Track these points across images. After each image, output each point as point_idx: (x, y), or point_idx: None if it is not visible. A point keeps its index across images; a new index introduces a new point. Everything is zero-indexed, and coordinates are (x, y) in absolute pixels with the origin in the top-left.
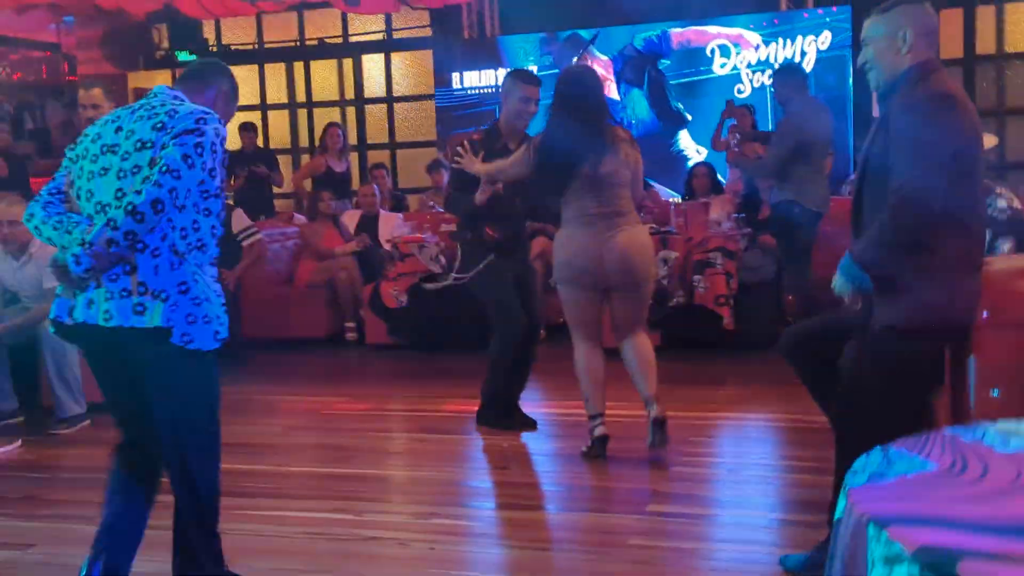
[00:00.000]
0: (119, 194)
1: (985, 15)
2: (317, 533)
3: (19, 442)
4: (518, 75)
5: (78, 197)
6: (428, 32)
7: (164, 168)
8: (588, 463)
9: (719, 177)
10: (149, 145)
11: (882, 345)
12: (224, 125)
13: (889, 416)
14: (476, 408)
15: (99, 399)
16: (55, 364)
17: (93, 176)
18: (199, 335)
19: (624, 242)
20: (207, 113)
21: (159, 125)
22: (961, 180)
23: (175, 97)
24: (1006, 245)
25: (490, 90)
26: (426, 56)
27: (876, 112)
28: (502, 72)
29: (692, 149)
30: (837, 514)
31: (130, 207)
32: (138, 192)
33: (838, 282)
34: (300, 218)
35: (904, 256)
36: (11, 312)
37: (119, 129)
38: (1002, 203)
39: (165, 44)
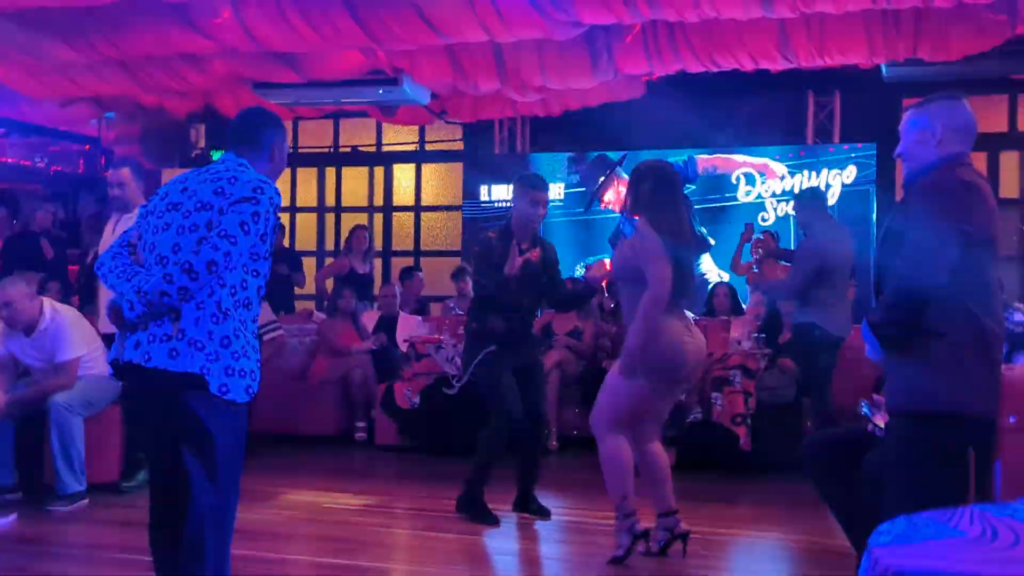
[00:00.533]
0: (176, 248)
1: (1008, 160)
2: None
3: (14, 516)
4: (526, 181)
5: (143, 249)
6: (460, 145)
7: (222, 233)
8: (614, 569)
9: (740, 301)
10: (208, 208)
11: (898, 435)
12: (282, 165)
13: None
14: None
15: (100, 479)
16: (60, 440)
17: (157, 230)
18: (234, 387)
19: (700, 338)
20: (264, 183)
21: (219, 190)
22: (971, 265)
23: (240, 165)
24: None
25: None
26: (456, 168)
27: None
28: None
29: (714, 273)
30: (860, 574)
31: (187, 265)
32: (195, 252)
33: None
34: (320, 315)
35: (912, 339)
36: (21, 385)
37: (184, 189)
38: (1019, 316)
39: (202, 143)
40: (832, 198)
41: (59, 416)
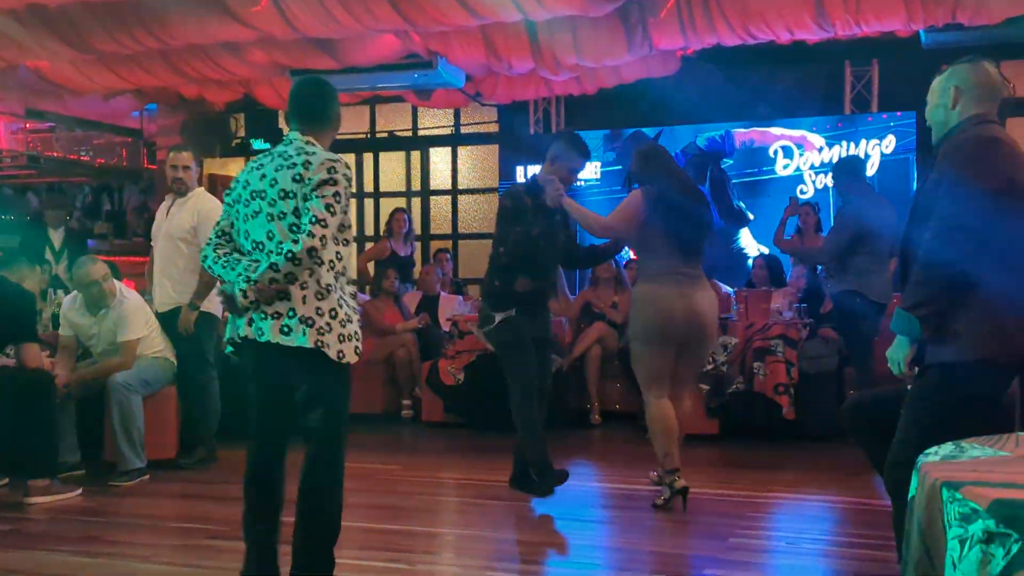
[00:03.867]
0: (269, 234)
1: None
2: None
3: (80, 490)
4: (576, 146)
5: (237, 236)
6: (495, 127)
7: (313, 220)
8: (653, 522)
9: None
10: (292, 195)
11: (935, 386)
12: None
13: None
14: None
15: (158, 456)
16: (120, 418)
17: (248, 218)
18: (348, 351)
19: (706, 301)
20: (335, 160)
21: (298, 177)
22: (1006, 218)
23: (308, 143)
24: None
25: None
26: (492, 150)
27: None
28: None
29: (753, 248)
30: (911, 493)
31: (290, 255)
32: (295, 241)
33: (891, 349)
34: (363, 297)
35: (951, 294)
36: (82, 365)
37: (263, 176)
38: None
39: (241, 132)
40: (871, 168)
41: (119, 395)
